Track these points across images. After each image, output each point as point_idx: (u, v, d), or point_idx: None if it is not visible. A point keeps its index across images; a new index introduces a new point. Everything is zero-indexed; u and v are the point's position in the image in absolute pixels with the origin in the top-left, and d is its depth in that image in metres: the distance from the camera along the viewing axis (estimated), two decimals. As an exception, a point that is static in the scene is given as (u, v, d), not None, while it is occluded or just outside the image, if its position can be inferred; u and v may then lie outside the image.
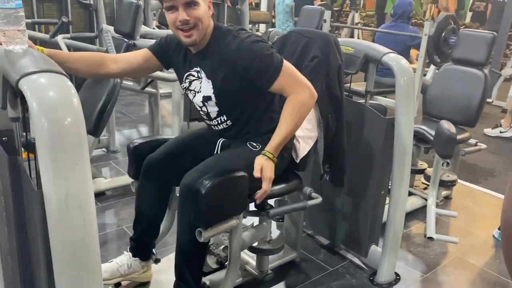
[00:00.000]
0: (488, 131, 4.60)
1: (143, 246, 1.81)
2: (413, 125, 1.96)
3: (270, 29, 7.00)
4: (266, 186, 1.53)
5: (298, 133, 1.77)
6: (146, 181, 1.73)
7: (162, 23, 5.51)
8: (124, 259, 1.79)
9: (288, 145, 1.72)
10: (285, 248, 2.08)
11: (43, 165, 1.01)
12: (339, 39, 1.87)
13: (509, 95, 5.72)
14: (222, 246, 1.98)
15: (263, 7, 8.88)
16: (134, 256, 1.79)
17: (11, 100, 1.22)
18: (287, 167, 1.74)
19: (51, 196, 1.02)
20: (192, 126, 3.87)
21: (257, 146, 1.63)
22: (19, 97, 1.22)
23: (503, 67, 6.43)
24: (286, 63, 1.55)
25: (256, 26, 7.67)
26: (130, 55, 1.68)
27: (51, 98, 1.03)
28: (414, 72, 2.13)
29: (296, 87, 1.55)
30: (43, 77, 1.05)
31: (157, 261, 1.83)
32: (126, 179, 2.86)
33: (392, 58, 1.92)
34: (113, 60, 1.62)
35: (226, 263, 1.81)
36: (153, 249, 1.84)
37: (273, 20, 8.38)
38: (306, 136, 1.79)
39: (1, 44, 1.20)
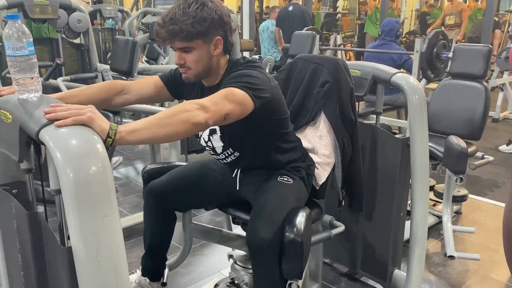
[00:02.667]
0: (504, 148, 4.52)
1: (151, 264, 1.81)
2: (428, 143, 1.93)
3: (254, 56, 7.05)
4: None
5: (316, 159, 1.74)
6: (149, 204, 1.76)
7: (150, 58, 5.52)
8: (134, 277, 1.81)
9: (310, 172, 1.68)
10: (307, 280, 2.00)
11: (72, 220, 0.94)
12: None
13: (497, 104, 5.81)
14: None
15: (246, 34, 8.94)
16: (143, 275, 1.80)
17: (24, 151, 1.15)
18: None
19: (81, 253, 0.94)
20: (190, 159, 3.78)
21: (290, 179, 1.60)
22: (32, 147, 1.16)
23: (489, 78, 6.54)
24: (243, 92, 1.38)
25: (241, 54, 7.70)
26: (142, 85, 1.62)
27: (75, 147, 0.97)
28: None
29: (211, 102, 1.29)
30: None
31: (163, 284, 1.82)
32: (129, 221, 2.77)
33: (401, 78, 1.90)
34: (125, 90, 1.57)
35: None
36: (165, 271, 1.83)
37: (255, 48, 8.46)
38: (324, 163, 1.75)
39: (13, 93, 1.14)
